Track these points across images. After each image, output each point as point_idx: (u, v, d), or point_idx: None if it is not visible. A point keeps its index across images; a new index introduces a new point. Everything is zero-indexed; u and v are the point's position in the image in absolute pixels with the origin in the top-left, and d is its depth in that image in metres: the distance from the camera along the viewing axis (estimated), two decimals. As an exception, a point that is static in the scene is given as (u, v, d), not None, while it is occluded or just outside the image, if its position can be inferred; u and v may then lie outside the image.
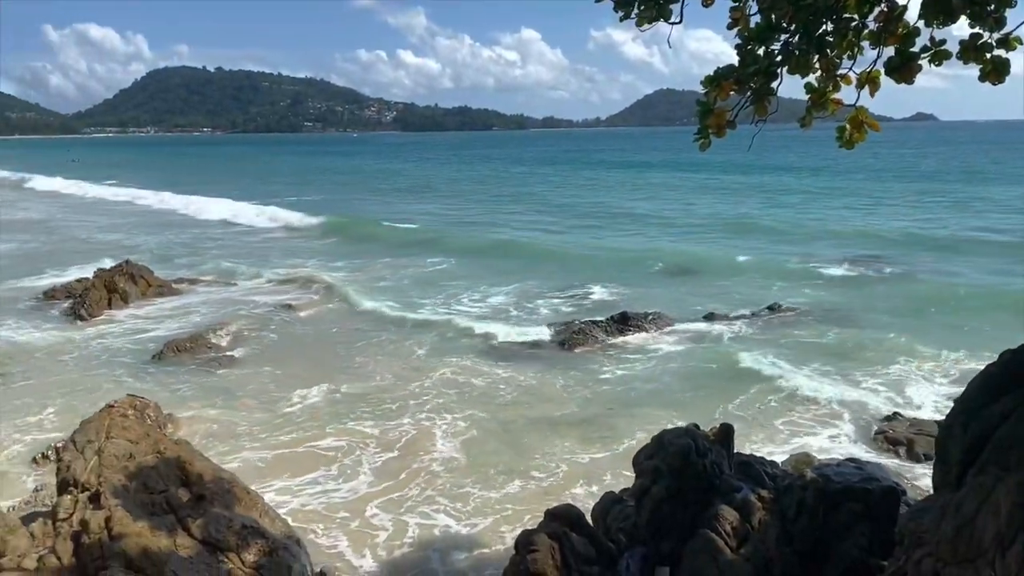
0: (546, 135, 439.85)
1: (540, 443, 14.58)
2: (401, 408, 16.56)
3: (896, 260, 31.23)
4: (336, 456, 14.17)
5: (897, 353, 18.90)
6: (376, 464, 13.89)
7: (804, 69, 4.41)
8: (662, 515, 7.27)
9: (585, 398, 17.05)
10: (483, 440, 14.86)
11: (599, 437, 14.80)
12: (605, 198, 62.29)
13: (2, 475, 13.54)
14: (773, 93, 4.44)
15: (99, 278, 26.69)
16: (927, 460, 13.28)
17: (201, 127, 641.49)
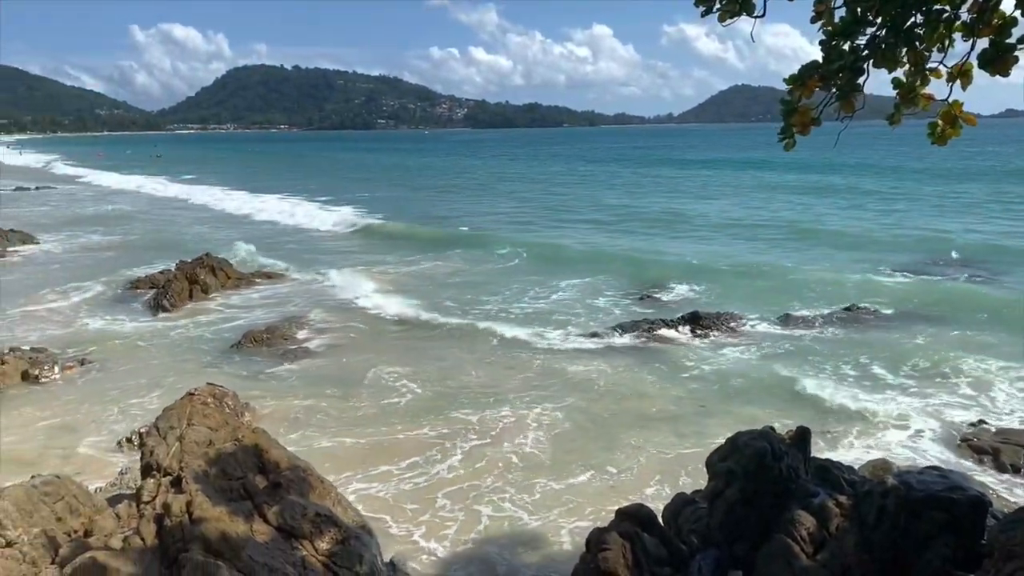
0: (616, 132, 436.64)
1: (620, 440, 14.55)
2: (484, 401, 16.74)
3: (979, 266, 29.95)
4: (409, 447, 14.37)
5: (980, 361, 18.12)
6: (452, 456, 14.02)
7: (892, 64, 4.26)
8: (736, 518, 7.14)
9: (672, 396, 16.94)
10: (568, 434, 14.98)
11: (680, 436, 14.67)
12: (672, 199, 60.96)
13: (90, 458, 14.14)
14: (859, 89, 4.31)
15: (181, 270, 27.64)
16: (1014, 471, 12.77)
17: (278, 124, 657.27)
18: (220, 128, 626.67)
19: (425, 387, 17.73)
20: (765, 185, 71.40)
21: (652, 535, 7.07)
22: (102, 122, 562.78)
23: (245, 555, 7.41)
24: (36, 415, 16.29)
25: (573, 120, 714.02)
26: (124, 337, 22.27)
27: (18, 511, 7.56)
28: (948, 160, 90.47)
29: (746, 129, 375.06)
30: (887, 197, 57.34)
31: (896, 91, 4.35)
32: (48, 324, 23.61)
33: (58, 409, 16.60)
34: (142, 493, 8.73)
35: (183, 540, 7.51)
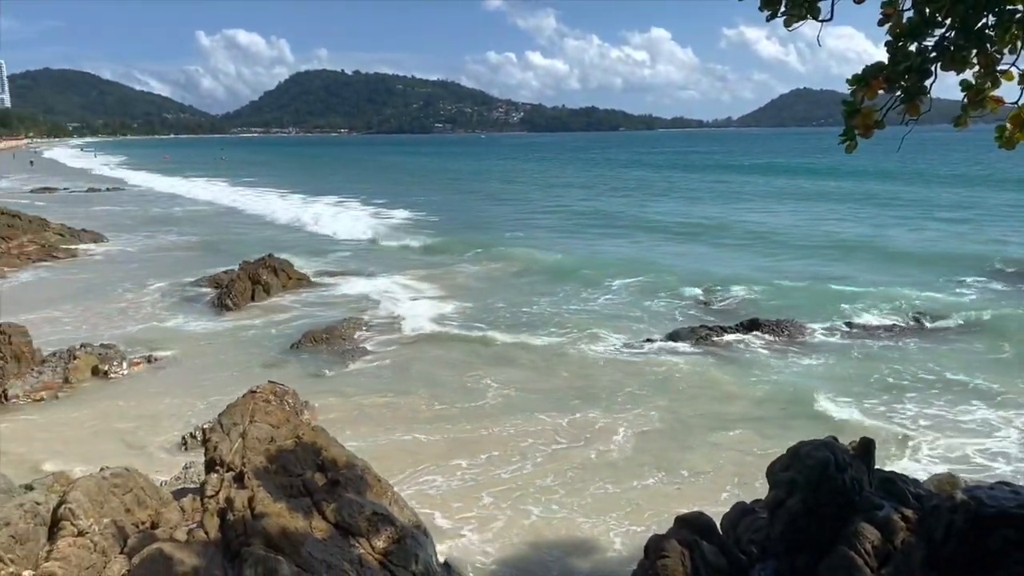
0: (674, 135, 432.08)
1: (699, 443, 14.49)
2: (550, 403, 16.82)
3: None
4: (465, 446, 14.47)
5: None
6: (513, 458, 14.09)
7: (961, 65, 4.15)
8: (797, 529, 7.01)
9: (749, 399, 16.81)
10: (646, 438, 14.95)
11: (765, 437, 14.48)
12: (728, 206, 59.33)
13: (156, 452, 14.57)
14: (926, 92, 4.20)
15: (244, 270, 28.29)
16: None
17: (338, 128, 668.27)
18: (282, 132, 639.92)
19: (474, 389, 17.85)
20: (826, 193, 68.95)
21: (711, 543, 6.99)
22: (169, 125, 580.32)
23: (304, 551, 7.56)
24: (104, 409, 16.85)
25: (630, 124, 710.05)
26: (188, 335, 22.90)
27: (89, 502, 7.83)
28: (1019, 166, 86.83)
29: (807, 134, 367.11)
30: (955, 207, 54.61)
31: (964, 93, 4.24)
32: (116, 321, 24.39)
33: (125, 404, 17.14)
34: (206, 488, 8.96)
35: (245, 534, 7.70)
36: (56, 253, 37.57)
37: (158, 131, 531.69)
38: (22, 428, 15.92)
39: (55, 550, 7.26)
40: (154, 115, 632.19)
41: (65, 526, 7.53)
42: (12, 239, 37.64)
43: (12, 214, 41.45)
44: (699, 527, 7.16)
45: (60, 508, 7.70)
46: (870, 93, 4.25)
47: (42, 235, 39.87)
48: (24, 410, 16.89)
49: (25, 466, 12.73)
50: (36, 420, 16.35)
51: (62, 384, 18.05)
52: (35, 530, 7.49)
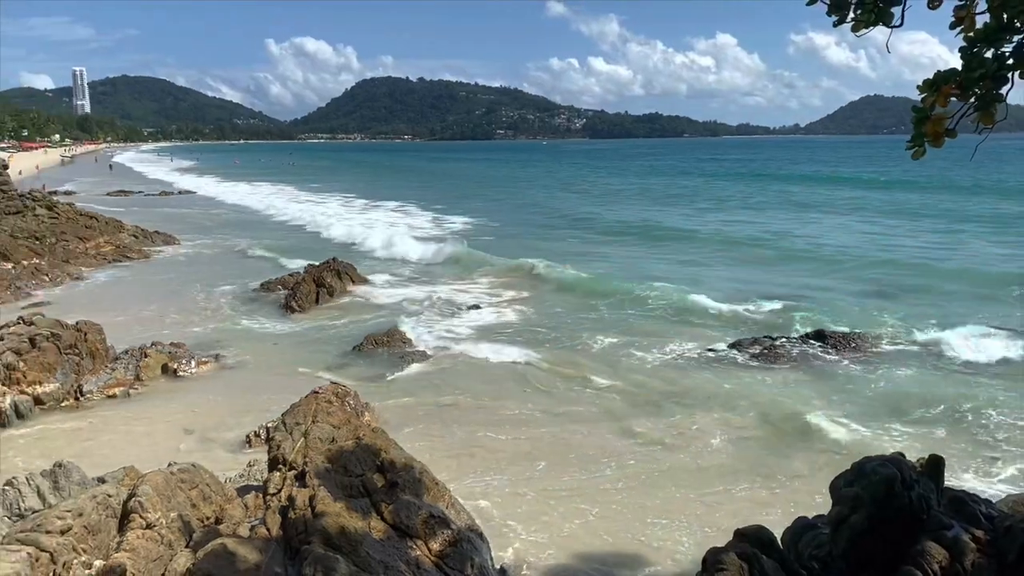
0: (739, 143, 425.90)
1: (783, 456, 14.24)
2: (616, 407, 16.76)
3: None
4: (527, 449, 14.47)
5: None
6: (579, 462, 14.06)
7: (1040, 72, 4.02)
8: (860, 547, 6.82)
9: (835, 410, 16.44)
10: (724, 449, 14.72)
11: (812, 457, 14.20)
12: (793, 220, 57.29)
13: (220, 449, 14.94)
14: (1002, 99, 4.06)
15: (309, 273, 28.87)
16: None
17: (402, 134, 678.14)
18: (348, 138, 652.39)
19: (535, 392, 17.86)
20: (896, 206, 64.65)
21: (771, 558, 6.85)
22: (239, 131, 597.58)
23: (363, 551, 7.67)
24: (173, 406, 17.35)
25: (694, 130, 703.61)
26: (254, 335, 23.45)
27: (158, 496, 8.09)
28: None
29: (877, 141, 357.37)
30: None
31: (1044, 102, 4.10)
32: (185, 321, 25.11)
33: (193, 401, 17.62)
34: (268, 485, 9.16)
35: (305, 532, 7.84)
36: (130, 254, 38.88)
37: (229, 136, 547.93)
38: (96, 423, 16.51)
39: (125, 541, 7.51)
40: (225, 121, 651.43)
41: (134, 519, 7.79)
42: (89, 240, 39.09)
43: (90, 215, 43.06)
44: (759, 541, 7.02)
45: (130, 501, 7.97)
46: (941, 100, 4.12)
47: (117, 236, 41.31)
48: (98, 405, 17.52)
49: (98, 459, 13.16)
50: (109, 415, 16.94)
51: (133, 381, 18.65)
52: (106, 522, 7.76)
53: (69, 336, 18.61)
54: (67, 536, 7.19)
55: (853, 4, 4.09)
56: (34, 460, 13.18)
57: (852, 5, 4.10)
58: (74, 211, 42.72)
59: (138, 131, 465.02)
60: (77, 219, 41.42)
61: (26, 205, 39.31)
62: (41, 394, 17.02)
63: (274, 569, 7.47)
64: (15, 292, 28.92)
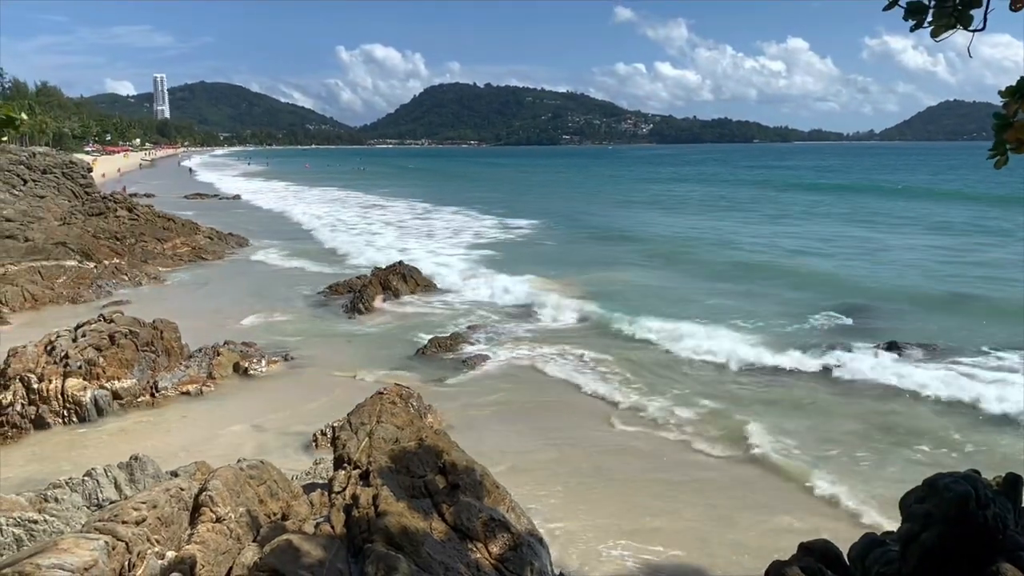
0: (809, 148, 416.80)
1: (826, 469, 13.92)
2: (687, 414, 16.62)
3: None
4: (591, 458, 14.43)
5: None
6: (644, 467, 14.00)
7: None
8: (931, 566, 6.59)
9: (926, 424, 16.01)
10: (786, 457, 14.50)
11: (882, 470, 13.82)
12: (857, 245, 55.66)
13: (288, 447, 15.27)
14: (1091, 105, 3.90)
15: (376, 276, 29.34)
16: None
17: (469, 140, 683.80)
18: (415, 143, 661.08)
19: (598, 398, 17.78)
20: (978, 222, 56.09)
21: (837, 574, 6.68)
22: (311, 136, 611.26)
23: (424, 551, 7.74)
24: (244, 404, 17.82)
25: (764, 135, 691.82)
26: (322, 336, 23.92)
27: (227, 490, 8.30)
28: None
29: (957, 149, 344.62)
30: None
31: None
32: (256, 321, 25.75)
33: (263, 400, 18.06)
34: (333, 484, 9.32)
35: (368, 531, 7.95)
36: (205, 255, 40.09)
37: (301, 141, 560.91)
38: (170, 419, 17.07)
39: (195, 534, 7.74)
40: (297, 126, 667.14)
41: (205, 512, 8.01)
42: (167, 241, 40.45)
43: (168, 217, 44.52)
44: (824, 555, 6.85)
45: (201, 495, 8.20)
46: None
47: (193, 238, 42.63)
48: (172, 402, 18.09)
49: (171, 454, 13.60)
50: (182, 412, 17.49)
51: (206, 379, 19.19)
52: (178, 514, 8.01)
53: (146, 334, 19.27)
54: (142, 527, 7.44)
55: (931, 8, 3.98)
56: (111, 452, 13.68)
57: (930, 9, 3.99)
58: (153, 213, 44.24)
59: (214, 135, 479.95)
60: (155, 220, 42.89)
61: (108, 207, 40.86)
62: (119, 389, 17.65)
63: (337, 566, 7.60)
64: (96, 291, 30.12)
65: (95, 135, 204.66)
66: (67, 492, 9.44)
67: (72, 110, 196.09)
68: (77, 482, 9.64)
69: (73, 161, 42.38)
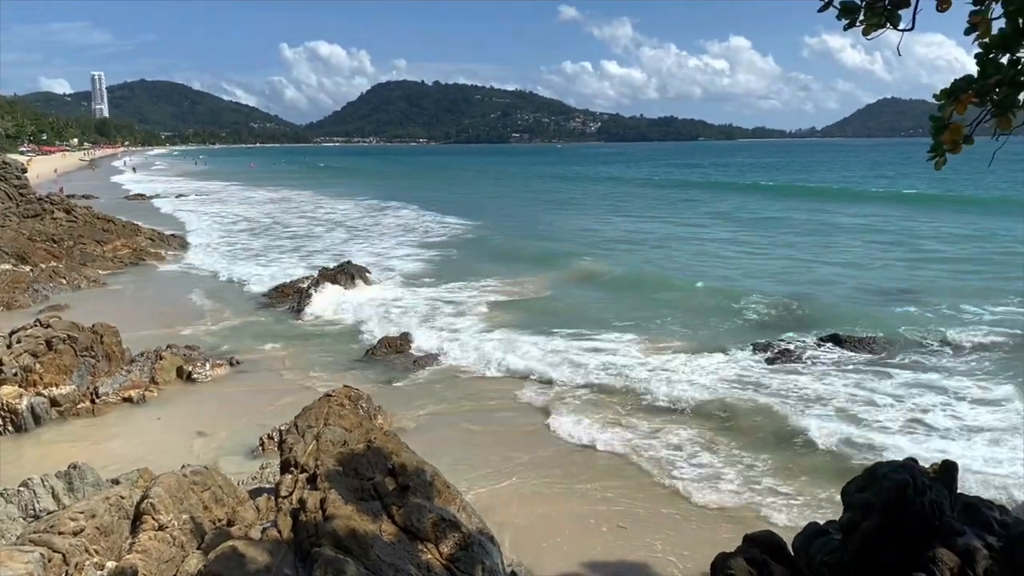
0: (753, 145, 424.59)
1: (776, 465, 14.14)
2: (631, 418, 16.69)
3: None
4: (540, 456, 14.47)
5: None
6: (597, 471, 14.05)
7: (1056, 77, 3.97)
8: (871, 553, 6.76)
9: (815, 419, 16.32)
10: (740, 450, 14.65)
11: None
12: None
13: (234, 452, 15.01)
14: (1019, 105, 4.03)
15: (323, 276, 28.97)
16: None
17: (418, 138, 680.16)
18: (363, 141, 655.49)
19: (545, 400, 17.83)
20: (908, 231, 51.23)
21: (781, 564, 6.80)
22: (255, 134, 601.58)
23: (373, 553, 7.67)
24: (187, 409, 17.46)
25: (709, 133, 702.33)
26: (268, 338, 23.54)
27: (170, 497, 8.13)
28: None
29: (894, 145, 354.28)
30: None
31: (1058, 107, 4.04)
32: (200, 324, 25.25)
33: (207, 404, 17.72)
34: (280, 488, 9.18)
35: (316, 535, 7.85)
36: (146, 258, 39.18)
37: (245, 140, 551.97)
38: (111, 425, 16.65)
39: (137, 543, 7.56)
40: (241, 124, 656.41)
41: (147, 520, 7.84)
42: (107, 243, 39.42)
43: (107, 219, 43.44)
44: (769, 546, 6.98)
45: (143, 503, 8.02)
46: (960, 108, 4.09)
47: (134, 240, 41.64)
48: (114, 408, 17.63)
49: (112, 461, 13.26)
50: (124, 418, 17.06)
51: (149, 384, 18.76)
52: (119, 523, 7.82)
53: (85, 338, 18.75)
54: (79, 537, 7.24)
55: (863, 7, 4.07)
56: (49, 462, 13.27)
57: (862, 8, 4.08)
58: (92, 214, 43.14)
59: (156, 135, 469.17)
60: (95, 222, 41.81)
61: (44, 208, 39.74)
62: (57, 396, 17.14)
63: (284, 571, 7.49)
64: (32, 295, 29.19)
65: (30, 135, 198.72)
66: (2, 504, 9.14)
67: (5, 109, 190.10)
68: (12, 493, 9.34)
69: (7, 161, 41.14)
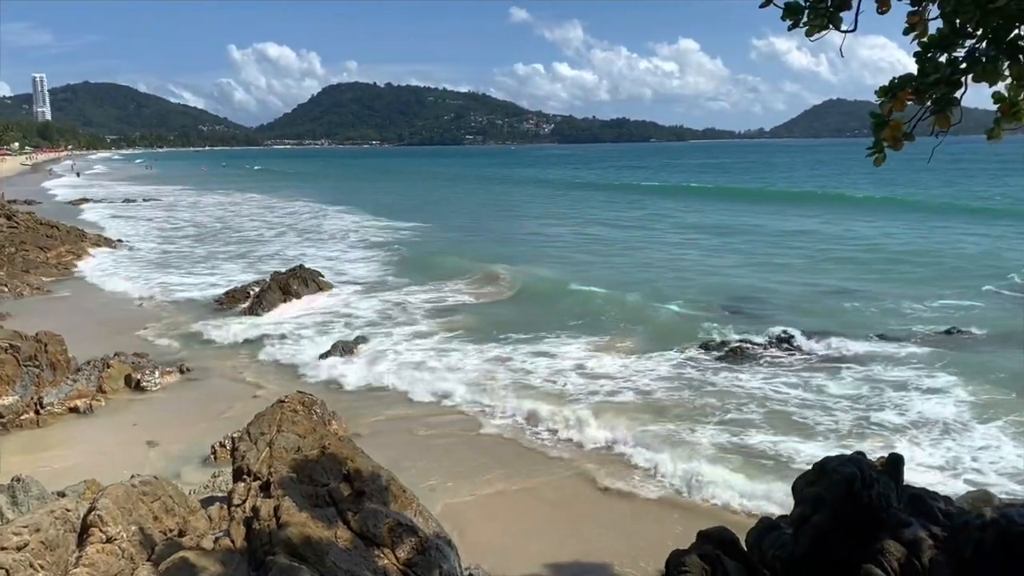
0: (705, 146, 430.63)
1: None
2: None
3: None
4: (495, 461, 14.46)
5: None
6: (542, 470, 14.07)
7: (992, 77, 4.05)
8: (822, 546, 6.90)
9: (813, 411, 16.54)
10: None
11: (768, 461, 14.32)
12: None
13: (185, 460, 14.72)
14: (956, 103, 4.13)
15: (275, 280, 28.59)
16: None
17: (370, 140, 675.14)
18: (315, 144, 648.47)
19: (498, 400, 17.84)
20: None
21: (734, 559, 6.89)
22: (204, 137, 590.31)
23: (328, 560, 7.59)
24: (137, 417, 17.08)
25: (660, 135, 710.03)
26: (219, 344, 23.16)
27: (118, 509, 7.94)
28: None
29: (840, 144, 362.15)
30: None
31: (997, 105, 4.16)
32: (148, 331, 24.71)
33: (157, 412, 17.36)
34: (233, 496, 9.03)
35: (270, 543, 7.74)
36: (90, 262, 38.24)
37: (194, 143, 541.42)
38: (56, 436, 16.21)
39: (84, 556, 7.36)
40: (189, 127, 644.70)
41: (94, 533, 7.64)
42: (50, 249, 38.40)
43: (51, 224, 42.32)
44: (722, 542, 7.07)
45: (90, 515, 7.82)
46: (898, 105, 4.18)
47: (79, 245, 40.64)
48: (59, 419, 17.16)
49: (58, 474, 12.91)
50: (70, 428, 16.64)
51: (96, 393, 18.30)
52: (65, 536, 7.61)
53: (28, 347, 18.22)
54: (23, 552, 7.03)
55: (807, 9, 4.14)
56: (-8, 475, 12.89)
57: (805, 10, 4.15)
58: (34, 220, 42.01)
59: (101, 138, 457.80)
60: (37, 228, 40.71)
61: (-17, 214, 38.55)
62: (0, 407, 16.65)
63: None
64: (-27, 303, 28.29)
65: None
66: (-60, 520, 8.83)
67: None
68: (-48, 509, 9.03)
69: (-57, 166, 39.78)
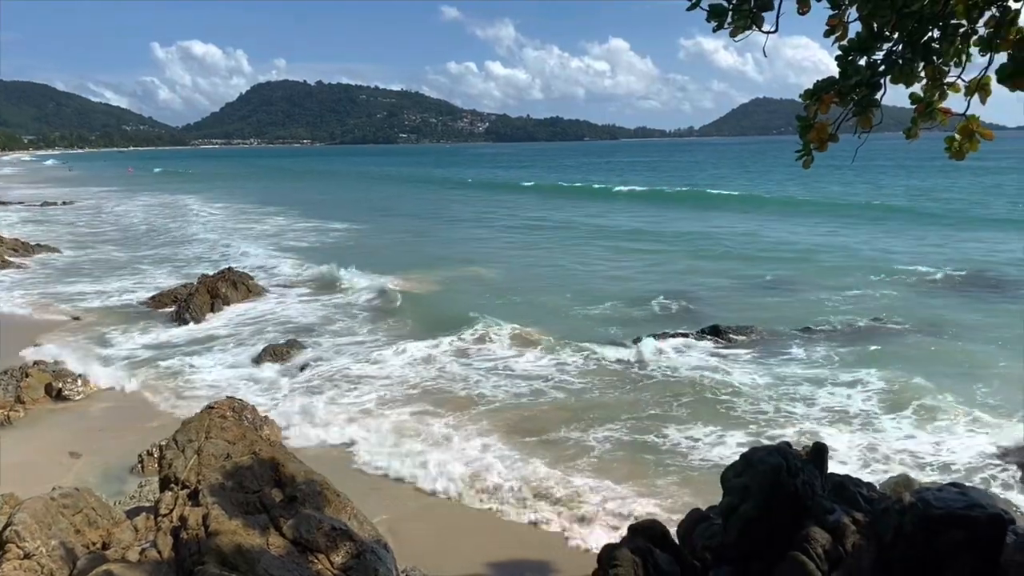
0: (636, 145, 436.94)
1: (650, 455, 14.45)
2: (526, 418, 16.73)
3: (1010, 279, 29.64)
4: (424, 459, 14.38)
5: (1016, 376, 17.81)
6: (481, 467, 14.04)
7: (909, 78, 4.20)
8: (750, 535, 7.06)
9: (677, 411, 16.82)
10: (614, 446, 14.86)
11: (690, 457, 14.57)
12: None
13: (110, 471, 14.25)
14: (877, 104, 4.25)
15: (203, 283, 27.84)
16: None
17: (301, 139, 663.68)
18: (244, 143, 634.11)
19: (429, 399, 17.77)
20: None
21: (665, 551, 6.99)
22: (128, 137, 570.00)
23: (260, 568, 7.42)
24: (60, 429, 16.47)
25: (594, 134, 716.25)
26: (146, 350, 22.46)
27: (36, 523, 7.62)
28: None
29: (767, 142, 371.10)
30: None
31: (914, 105, 4.30)
32: (70, 337, 23.83)
33: (82, 423, 16.78)
34: (160, 506, 8.78)
35: (199, 553, 7.54)
36: (9, 269, 36.72)
37: (117, 143, 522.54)
38: (-29, 448, 15.49)
39: (0, 574, 7.05)
40: (113, 127, 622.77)
41: (11, 548, 7.33)
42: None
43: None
44: (653, 535, 7.17)
45: (6, 530, 7.49)
46: (823, 108, 4.28)
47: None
48: (-27, 429, 16.42)
49: (-27, 487, 12.34)
50: (-14, 439, 15.91)
51: (14, 403, 17.54)
52: (-21, 554, 7.28)
53: (-61, 356, 17.39)
54: (-66, 572, 6.69)
55: (730, 11, 4.21)
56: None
57: (729, 11, 4.21)
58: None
59: (17, 139, 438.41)
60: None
61: None
62: (-92, 420, 15.85)
63: (166, 594, 7.16)
64: None
65: None
66: None
67: None
68: None
69: None
